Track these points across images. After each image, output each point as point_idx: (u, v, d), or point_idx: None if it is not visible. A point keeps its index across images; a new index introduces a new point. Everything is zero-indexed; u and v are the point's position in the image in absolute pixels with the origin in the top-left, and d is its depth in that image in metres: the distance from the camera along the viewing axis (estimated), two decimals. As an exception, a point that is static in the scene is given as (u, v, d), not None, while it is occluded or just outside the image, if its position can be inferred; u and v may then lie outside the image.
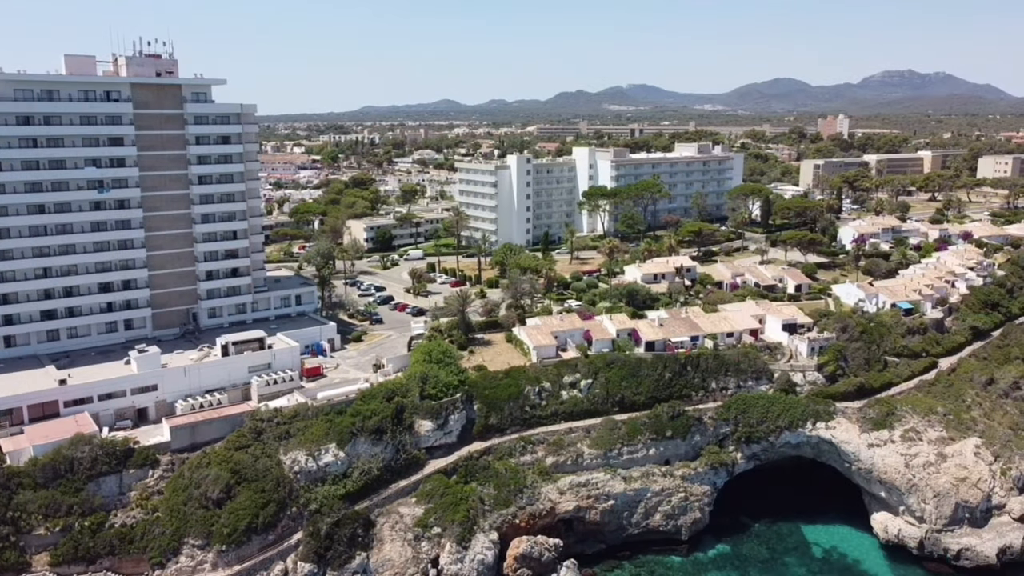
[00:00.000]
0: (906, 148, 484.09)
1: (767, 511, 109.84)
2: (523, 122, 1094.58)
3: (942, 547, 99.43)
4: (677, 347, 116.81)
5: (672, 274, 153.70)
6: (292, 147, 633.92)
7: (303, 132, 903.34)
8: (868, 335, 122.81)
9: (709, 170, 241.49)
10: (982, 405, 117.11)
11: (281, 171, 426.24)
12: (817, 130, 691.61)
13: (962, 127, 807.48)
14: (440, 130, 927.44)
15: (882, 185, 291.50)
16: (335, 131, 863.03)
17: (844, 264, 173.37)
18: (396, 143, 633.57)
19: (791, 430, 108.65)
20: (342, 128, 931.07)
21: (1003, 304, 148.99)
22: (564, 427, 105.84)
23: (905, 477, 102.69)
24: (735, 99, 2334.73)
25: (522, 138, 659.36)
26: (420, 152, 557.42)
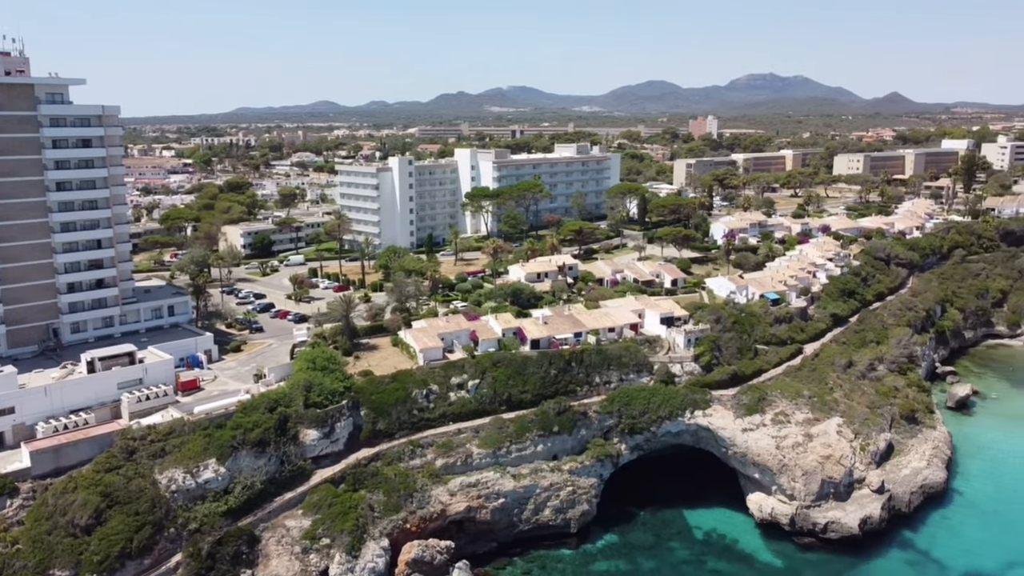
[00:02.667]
0: (770, 147, 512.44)
1: (652, 499, 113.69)
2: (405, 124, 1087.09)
3: (811, 522, 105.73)
4: (561, 344, 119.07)
5: (555, 273, 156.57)
6: (161, 150, 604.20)
7: (173, 135, 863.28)
8: (740, 325, 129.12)
9: (588, 170, 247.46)
10: (842, 387, 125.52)
11: (150, 176, 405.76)
12: (688, 130, 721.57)
13: (819, 127, 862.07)
14: (319, 132, 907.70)
15: (749, 183, 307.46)
16: (208, 133, 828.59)
17: (716, 258, 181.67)
18: (273, 145, 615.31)
19: (671, 419, 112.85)
20: (215, 130, 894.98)
21: (859, 292, 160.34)
22: (453, 428, 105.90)
23: (776, 458, 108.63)
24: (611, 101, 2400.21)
25: (404, 140, 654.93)
26: (299, 155, 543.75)
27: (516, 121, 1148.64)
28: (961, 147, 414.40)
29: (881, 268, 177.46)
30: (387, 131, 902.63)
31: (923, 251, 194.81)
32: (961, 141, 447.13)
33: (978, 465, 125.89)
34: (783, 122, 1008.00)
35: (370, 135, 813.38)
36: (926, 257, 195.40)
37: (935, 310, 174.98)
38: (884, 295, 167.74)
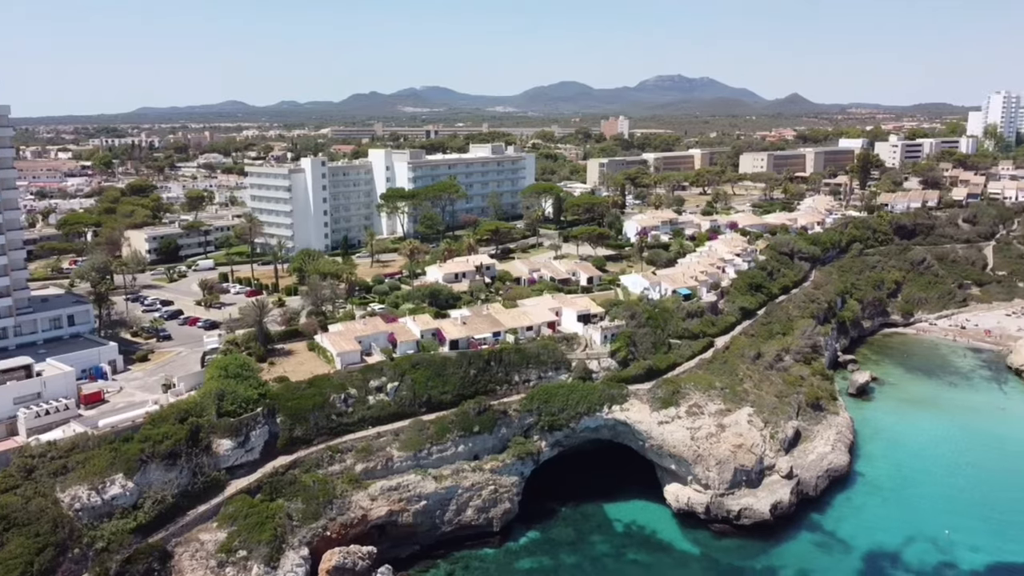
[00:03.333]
0: (679, 147, 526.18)
1: (573, 495, 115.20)
2: (317, 124, 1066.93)
3: (725, 509, 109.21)
4: (480, 344, 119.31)
5: (472, 273, 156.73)
6: (57, 152, 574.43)
7: (69, 136, 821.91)
8: (654, 321, 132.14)
9: (503, 170, 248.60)
10: (752, 377, 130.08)
11: (45, 179, 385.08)
12: (601, 131, 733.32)
13: (725, 127, 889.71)
14: (228, 132, 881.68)
15: (660, 181, 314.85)
16: (107, 134, 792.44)
17: (630, 256, 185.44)
18: (179, 147, 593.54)
19: (590, 415, 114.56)
20: (116, 131, 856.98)
21: (765, 286, 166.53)
22: (372, 432, 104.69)
23: (691, 449, 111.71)
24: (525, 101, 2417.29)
25: (316, 140, 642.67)
26: (206, 156, 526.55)
27: (430, 121, 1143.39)
28: (856, 146, 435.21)
29: (786, 262, 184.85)
30: (299, 131, 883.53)
31: (824, 245, 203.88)
32: (856, 140, 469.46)
33: (878, 447, 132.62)
34: (691, 122, 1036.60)
35: (281, 136, 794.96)
36: (827, 251, 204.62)
37: (836, 301, 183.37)
38: (789, 288, 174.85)
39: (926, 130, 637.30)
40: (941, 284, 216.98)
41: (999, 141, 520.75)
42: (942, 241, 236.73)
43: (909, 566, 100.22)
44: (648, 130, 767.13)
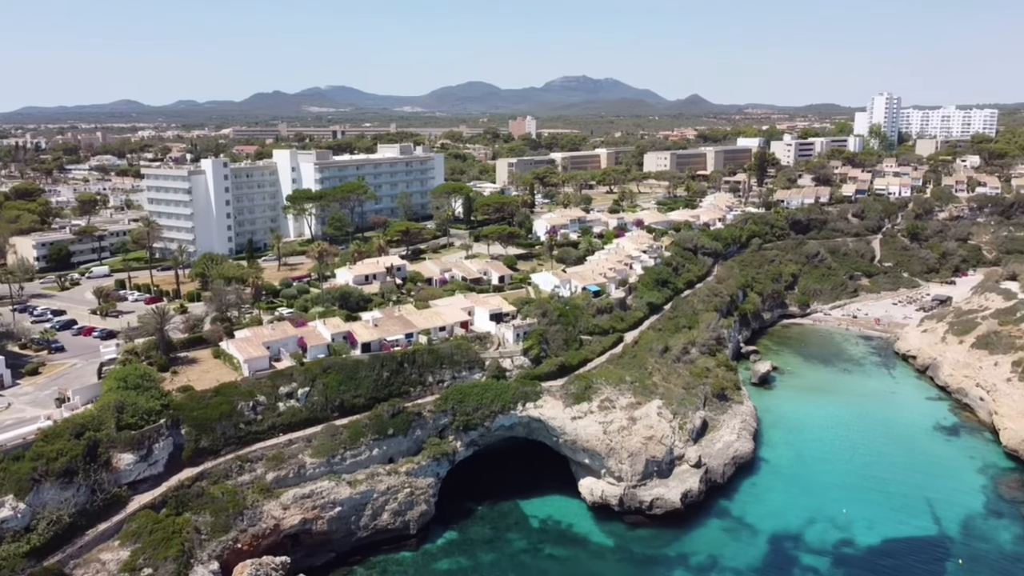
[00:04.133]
0: (585, 146, 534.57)
1: (489, 493, 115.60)
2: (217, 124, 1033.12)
3: (638, 500, 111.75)
4: (393, 346, 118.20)
5: (383, 274, 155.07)
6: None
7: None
8: (565, 318, 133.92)
9: (412, 170, 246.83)
10: (660, 371, 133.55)
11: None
12: (509, 131, 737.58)
13: (629, 127, 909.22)
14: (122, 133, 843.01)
15: (568, 180, 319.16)
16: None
17: (540, 254, 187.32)
18: (68, 148, 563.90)
19: (504, 413, 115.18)
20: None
21: (671, 281, 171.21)
22: (284, 439, 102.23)
23: (604, 443, 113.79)
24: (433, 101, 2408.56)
25: (217, 141, 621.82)
26: (99, 158, 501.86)
27: (336, 121, 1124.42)
28: (753, 145, 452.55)
29: (690, 258, 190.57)
30: (198, 132, 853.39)
31: (725, 241, 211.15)
32: (753, 139, 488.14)
33: (780, 434, 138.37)
34: (596, 122, 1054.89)
35: (179, 136, 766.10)
36: (728, 246, 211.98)
37: (738, 295, 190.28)
38: (694, 283, 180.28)
39: (817, 130, 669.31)
40: (834, 276, 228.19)
41: (883, 140, 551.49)
42: (834, 235, 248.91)
43: (811, 546, 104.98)
44: (555, 130, 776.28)
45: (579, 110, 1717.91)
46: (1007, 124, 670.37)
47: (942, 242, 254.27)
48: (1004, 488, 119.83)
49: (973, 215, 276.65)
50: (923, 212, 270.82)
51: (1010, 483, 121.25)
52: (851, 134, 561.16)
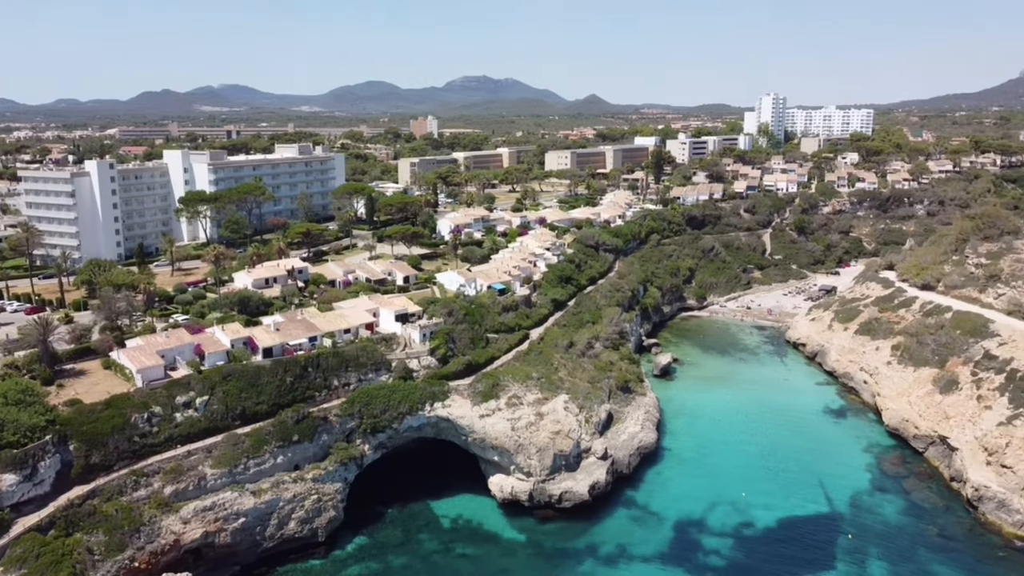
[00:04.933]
0: (487, 146, 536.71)
1: (399, 495, 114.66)
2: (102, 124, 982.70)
3: (547, 495, 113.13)
4: (296, 350, 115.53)
5: (284, 277, 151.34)
6: None
7: None
8: (471, 317, 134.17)
9: (312, 171, 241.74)
10: (566, 366, 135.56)
11: None
12: (410, 130, 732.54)
13: (530, 127, 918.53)
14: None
15: (471, 180, 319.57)
16: None
17: (445, 254, 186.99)
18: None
19: (412, 414, 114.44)
20: None
21: (574, 278, 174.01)
22: (182, 451, 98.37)
23: (512, 439, 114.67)
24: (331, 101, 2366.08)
25: (102, 142, 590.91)
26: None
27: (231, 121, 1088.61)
28: (650, 144, 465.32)
29: (592, 255, 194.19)
30: (81, 132, 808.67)
31: (626, 237, 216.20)
32: (650, 138, 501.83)
33: (681, 423, 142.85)
34: (498, 122, 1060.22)
35: (60, 137, 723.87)
36: (628, 243, 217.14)
37: (639, 290, 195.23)
38: (596, 279, 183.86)
39: (710, 129, 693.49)
40: (728, 269, 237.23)
41: (771, 138, 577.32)
42: (727, 230, 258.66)
43: (713, 529, 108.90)
44: (457, 130, 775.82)
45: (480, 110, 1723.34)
46: (882, 123, 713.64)
47: (826, 235, 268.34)
48: (887, 465, 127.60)
49: (854, 209, 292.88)
50: (809, 207, 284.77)
51: (892, 460, 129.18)
52: (741, 133, 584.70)
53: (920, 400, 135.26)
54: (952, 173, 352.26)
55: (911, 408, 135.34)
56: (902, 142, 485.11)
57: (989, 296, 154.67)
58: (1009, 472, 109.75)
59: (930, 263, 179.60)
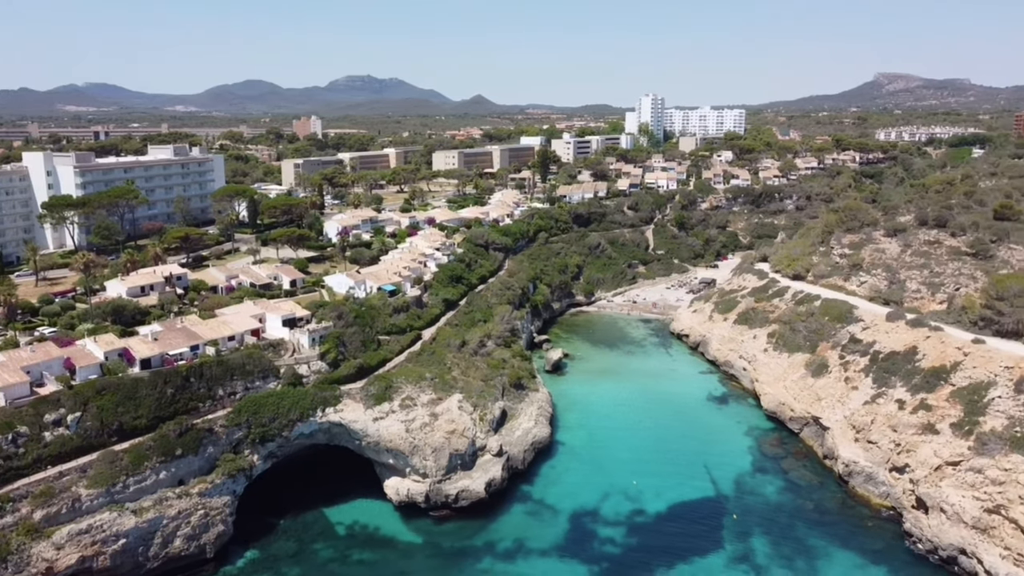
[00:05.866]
0: (374, 146, 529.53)
1: (292, 505, 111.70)
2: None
3: (444, 495, 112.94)
4: (177, 360, 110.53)
5: (161, 284, 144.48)
6: None
7: None
8: (361, 319, 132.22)
9: (189, 173, 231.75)
10: (459, 365, 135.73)
11: None
12: (293, 131, 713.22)
13: (416, 127, 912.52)
14: None
15: (357, 180, 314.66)
16: None
17: (333, 256, 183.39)
18: None
19: (303, 421, 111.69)
20: None
21: (465, 277, 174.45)
22: (53, 472, 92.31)
23: (407, 441, 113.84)
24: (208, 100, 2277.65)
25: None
26: None
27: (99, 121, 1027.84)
28: (536, 143, 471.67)
29: (482, 254, 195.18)
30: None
31: (515, 236, 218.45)
32: (535, 138, 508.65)
33: (574, 416, 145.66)
34: (383, 122, 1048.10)
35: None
36: (517, 241, 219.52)
37: (529, 287, 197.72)
38: (486, 278, 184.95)
39: (593, 128, 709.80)
40: (614, 265, 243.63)
41: (651, 137, 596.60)
42: (612, 227, 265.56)
43: (607, 518, 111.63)
44: (342, 130, 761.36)
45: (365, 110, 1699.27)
46: (753, 123, 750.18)
47: (705, 230, 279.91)
48: (766, 446, 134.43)
49: (729, 205, 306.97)
50: (688, 203, 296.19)
51: (771, 442, 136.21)
52: (623, 132, 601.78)
53: (794, 384, 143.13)
54: (817, 170, 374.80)
55: (786, 392, 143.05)
56: (772, 141, 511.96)
57: (853, 284, 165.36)
58: (875, 447, 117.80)
59: (799, 255, 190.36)
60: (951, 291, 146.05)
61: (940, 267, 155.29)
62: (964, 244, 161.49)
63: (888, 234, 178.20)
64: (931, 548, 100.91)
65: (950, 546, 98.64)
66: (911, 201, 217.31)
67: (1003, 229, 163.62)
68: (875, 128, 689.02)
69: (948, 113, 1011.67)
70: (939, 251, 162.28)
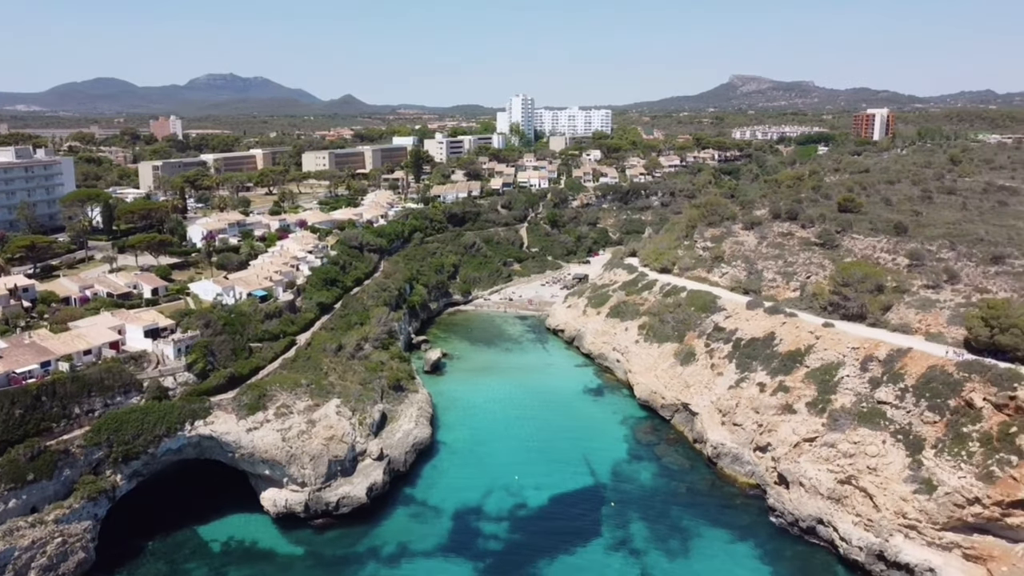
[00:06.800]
0: (239, 147, 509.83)
1: (161, 525, 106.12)
2: None
3: (324, 503, 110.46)
4: (26, 378, 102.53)
5: (5, 297, 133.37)
6: None
7: None
8: (231, 326, 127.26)
9: (34, 176, 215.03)
10: (336, 369, 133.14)
11: None
12: (151, 131, 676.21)
13: (284, 127, 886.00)
14: None
15: (223, 183, 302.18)
16: None
17: (198, 262, 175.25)
18: None
19: (170, 436, 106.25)
20: None
21: (340, 280, 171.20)
22: None
23: (284, 450, 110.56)
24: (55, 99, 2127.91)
25: None
26: None
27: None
28: (408, 143, 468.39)
29: (356, 255, 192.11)
30: None
31: (389, 237, 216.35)
32: (408, 138, 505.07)
33: (454, 416, 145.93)
34: (249, 122, 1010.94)
35: None
36: (392, 242, 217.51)
37: (405, 288, 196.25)
38: (362, 280, 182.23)
39: (465, 128, 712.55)
40: (490, 264, 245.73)
41: (522, 137, 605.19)
42: (487, 226, 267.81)
43: (490, 515, 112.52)
44: (205, 130, 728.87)
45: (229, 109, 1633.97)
46: (619, 123, 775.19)
47: (577, 227, 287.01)
48: (640, 434, 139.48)
49: (599, 202, 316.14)
50: (560, 201, 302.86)
51: (644, 429, 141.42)
52: (495, 132, 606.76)
53: (665, 373, 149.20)
54: (680, 167, 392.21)
55: (658, 381, 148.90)
56: (637, 140, 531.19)
57: (715, 275, 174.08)
58: (740, 429, 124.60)
59: (666, 249, 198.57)
60: (803, 279, 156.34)
61: (793, 257, 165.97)
62: (813, 235, 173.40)
63: (746, 227, 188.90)
64: (792, 520, 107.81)
65: (809, 517, 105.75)
66: (765, 196, 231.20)
67: (846, 220, 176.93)
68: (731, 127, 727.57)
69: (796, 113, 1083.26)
70: (791, 242, 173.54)
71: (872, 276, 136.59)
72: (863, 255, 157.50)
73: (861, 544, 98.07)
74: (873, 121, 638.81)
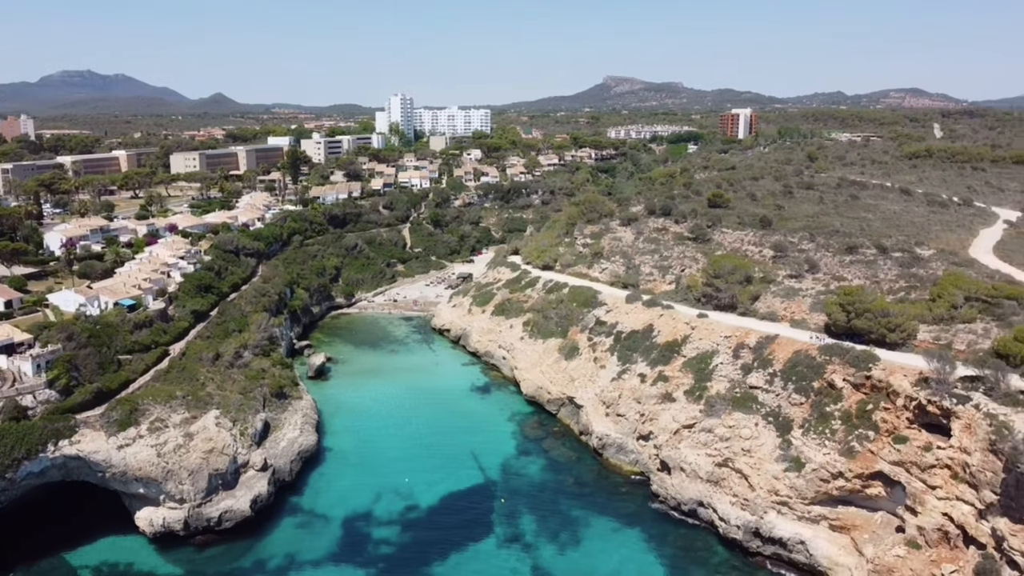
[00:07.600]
0: (100, 148, 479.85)
1: (24, 556, 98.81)
2: None
3: (205, 518, 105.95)
4: None
5: None
6: None
7: None
8: (97, 339, 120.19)
9: None
10: (214, 379, 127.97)
11: None
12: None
13: (150, 127, 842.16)
14: None
15: (83, 186, 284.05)
16: None
17: (58, 271, 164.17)
18: None
19: (31, 459, 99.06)
20: None
21: (215, 286, 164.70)
22: None
23: (159, 467, 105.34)
24: None
25: None
26: None
27: None
28: (284, 144, 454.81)
29: (232, 260, 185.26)
30: None
31: (267, 240, 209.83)
32: (284, 138, 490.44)
33: (340, 421, 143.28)
34: (111, 122, 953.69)
35: None
36: (271, 245, 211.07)
37: (286, 292, 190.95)
38: (239, 285, 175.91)
39: (343, 128, 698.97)
40: (373, 265, 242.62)
41: (402, 137, 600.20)
42: (369, 227, 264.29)
43: (380, 519, 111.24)
44: (60, 131, 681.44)
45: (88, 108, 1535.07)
46: (499, 122, 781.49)
47: (460, 226, 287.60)
48: (528, 430, 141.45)
49: (481, 201, 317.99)
50: (442, 201, 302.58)
51: (532, 424, 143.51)
52: (374, 132, 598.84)
53: (550, 368, 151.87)
54: (558, 166, 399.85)
55: (543, 376, 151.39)
56: (517, 139, 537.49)
57: (596, 271, 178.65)
58: (623, 420, 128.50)
59: (547, 246, 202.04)
60: (678, 272, 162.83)
61: (668, 251, 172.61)
62: (686, 230, 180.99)
63: (623, 223, 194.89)
64: (675, 504, 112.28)
65: (690, 500, 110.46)
66: (640, 193, 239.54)
67: (716, 215, 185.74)
68: (606, 127, 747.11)
69: (666, 113, 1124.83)
70: (666, 237, 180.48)
71: (741, 268, 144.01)
72: (732, 248, 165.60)
73: (739, 523, 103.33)
74: (738, 121, 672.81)
